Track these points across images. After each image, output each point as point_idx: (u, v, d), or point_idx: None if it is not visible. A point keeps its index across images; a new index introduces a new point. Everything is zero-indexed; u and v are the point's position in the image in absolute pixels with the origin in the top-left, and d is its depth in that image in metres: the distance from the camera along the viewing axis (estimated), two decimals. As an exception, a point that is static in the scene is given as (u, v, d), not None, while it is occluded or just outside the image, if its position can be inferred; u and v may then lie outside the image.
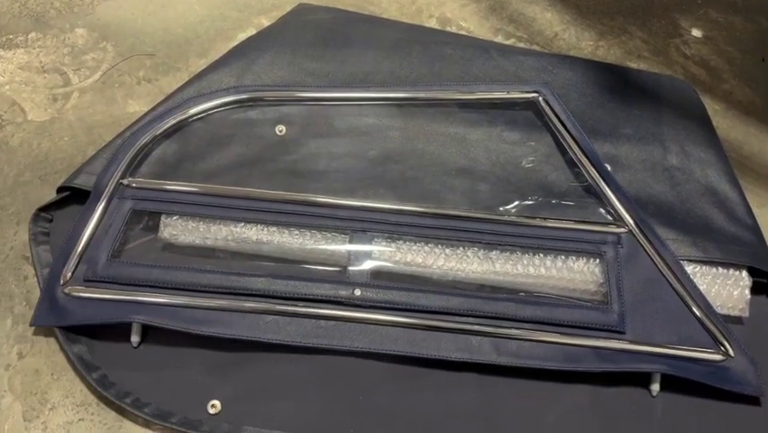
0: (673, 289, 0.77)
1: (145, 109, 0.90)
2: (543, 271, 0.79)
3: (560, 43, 1.15)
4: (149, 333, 0.74)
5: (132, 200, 0.80)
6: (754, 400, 0.74)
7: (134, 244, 0.80)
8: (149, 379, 0.72)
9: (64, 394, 0.71)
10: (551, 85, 0.89)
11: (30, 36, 1.06)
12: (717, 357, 0.74)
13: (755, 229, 0.84)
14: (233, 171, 0.84)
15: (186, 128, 0.85)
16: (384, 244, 0.80)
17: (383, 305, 0.75)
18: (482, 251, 0.80)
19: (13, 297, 0.78)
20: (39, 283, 0.77)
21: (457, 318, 0.74)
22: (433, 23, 1.15)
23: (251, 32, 1.07)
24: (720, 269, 0.80)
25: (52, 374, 0.73)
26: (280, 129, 0.87)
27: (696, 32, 1.18)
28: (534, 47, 1.13)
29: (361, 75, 0.91)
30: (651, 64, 1.13)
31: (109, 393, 0.69)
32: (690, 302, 0.76)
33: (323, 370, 0.73)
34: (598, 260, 0.79)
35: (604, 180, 0.83)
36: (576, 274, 0.79)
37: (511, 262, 0.79)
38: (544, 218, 0.82)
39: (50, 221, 0.82)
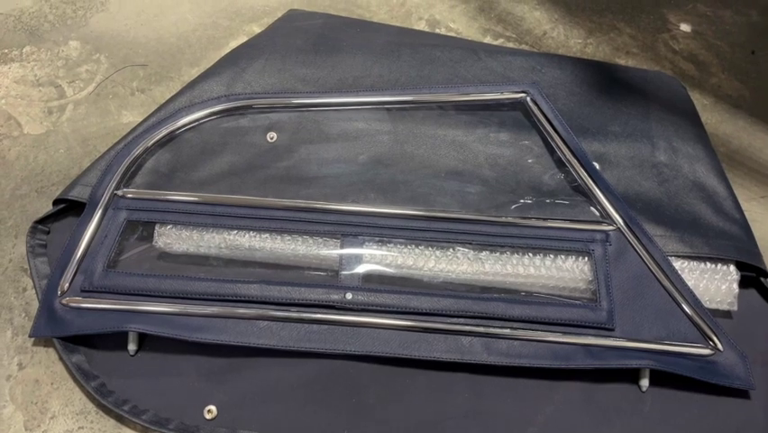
0: (661, 285, 0.78)
1: (139, 119, 0.92)
2: (532, 270, 0.80)
3: (549, 42, 1.16)
4: (145, 341, 0.75)
5: (126, 211, 0.81)
6: (743, 394, 0.74)
7: (130, 254, 0.81)
8: (146, 386, 0.73)
9: (64, 403, 0.73)
10: (539, 84, 0.90)
11: (24, 50, 1.07)
12: (706, 352, 0.75)
13: (743, 223, 0.84)
14: (225, 179, 0.85)
15: (178, 138, 0.87)
16: (375, 247, 0.81)
17: (375, 308, 0.76)
18: (472, 252, 0.81)
19: (12, 309, 0.79)
20: (37, 295, 0.78)
21: (448, 319, 0.75)
22: (422, 26, 1.16)
23: (243, 39, 1.08)
24: (708, 264, 0.80)
25: (52, 384, 0.74)
26: (271, 136, 0.88)
27: (685, 27, 1.19)
28: (524, 46, 1.14)
29: (351, 80, 0.92)
30: (639, 60, 1.13)
31: (108, 401, 0.71)
32: (679, 298, 0.77)
33: (316, 373, 0.74)
34: (586, 258, 0.80)
35: (592, 179, 0.83)
36: (565, 273, 0.80)
37: (501, 263, 0.80)
38: (534, 218, 0.82)
39: (48, 233, 0.84)
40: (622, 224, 0.81)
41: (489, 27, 1.16)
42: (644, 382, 0.74)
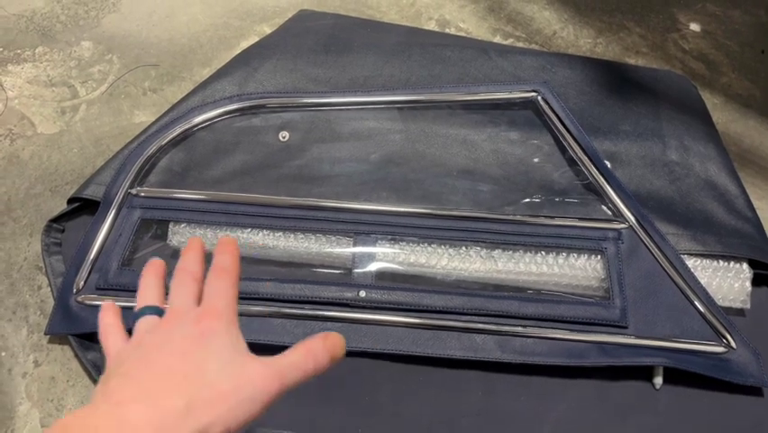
0: (674, 282, 0.78)
1: (151, 119, 0.92)
2: (545, 268, 0.80)
3: (558, 42, 1.16)
4: (160, 338, 0.76)
5: (140, 209, 0.82)
6: (757, 391, 0.74)
7: (144, 253, 0.81)
8: (161, 383, 0.73)
9: (79, 400, 0.73)
10: (549, 84, 0.90)
11: (37, 50, 1.08)
12: (720, 349, 0.74)
13: (755, 221, 0.84)
14: (238, 178, 0.85)
15: (191, 137, 0.87)
16: (388, 245, 0.81)
17: (388, 306, 0.76)
18: (485, 250, 0.81)
19: (27, 307, 0.80)
20: (52, 293, 0.79)
21: (461, 317, 0.76)
22: (432, 26, 1.16)
23: (254, 39, 1.09)
24: (721, 262, 0.80)
25: (68, 381, 0.75)
26: (284, 135, 0.88)
27: (694, 27, 1.19)
28: (533, 46, 1.14)
29: (362, 79, 0.92)
30: (649, 60, 1.13)
31: (123, 398, 0.71)
32: (692, 295, 0.77)
33: (329, 371, 0.74)
34: (599, 256, 0.80)
35: (604, 177, 0.84)
36: (578, 271, 0.80)
37: (513, 261, 0.80)
38: (545, 216, 0.83)
39: (62, 231, 0.84)
40: (634, 222, 0.81)
41: (499, 27, 1.17)
42: (658, 380, 0.74)
